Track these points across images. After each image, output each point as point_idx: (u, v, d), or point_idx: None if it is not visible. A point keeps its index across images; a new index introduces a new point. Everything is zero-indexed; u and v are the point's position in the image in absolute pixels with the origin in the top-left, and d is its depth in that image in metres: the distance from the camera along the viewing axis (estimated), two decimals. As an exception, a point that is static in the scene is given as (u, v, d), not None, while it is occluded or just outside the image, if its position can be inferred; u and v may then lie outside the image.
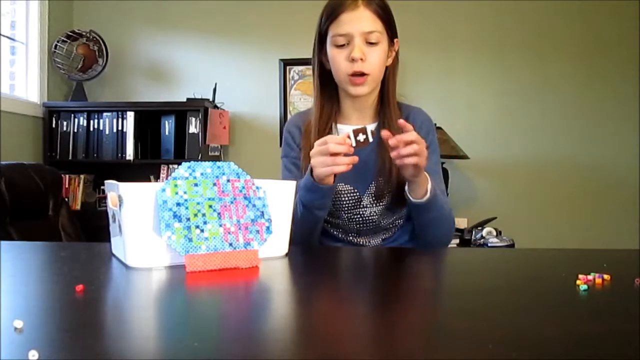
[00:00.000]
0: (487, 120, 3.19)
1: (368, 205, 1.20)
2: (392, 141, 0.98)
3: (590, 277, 0.67)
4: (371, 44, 1.14)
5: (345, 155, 1.00)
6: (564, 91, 3.16)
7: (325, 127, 1.21)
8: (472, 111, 3.18)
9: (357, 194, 1.19)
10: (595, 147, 3.15)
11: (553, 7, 3.14)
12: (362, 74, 1.14)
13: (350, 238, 1.24)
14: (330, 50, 1.17)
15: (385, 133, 0.99)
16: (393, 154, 0.99)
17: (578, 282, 0.65)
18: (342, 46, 1.14)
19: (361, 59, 1.12)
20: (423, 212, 1.11)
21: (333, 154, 0.99)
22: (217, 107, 3.19)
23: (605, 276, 0.68)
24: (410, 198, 1.10)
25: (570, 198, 3.16)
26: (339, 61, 1.15)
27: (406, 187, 1.11)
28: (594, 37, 3.14)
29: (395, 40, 1.20)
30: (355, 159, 1.00)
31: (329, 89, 1.23)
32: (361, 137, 0.99)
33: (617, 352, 0.43)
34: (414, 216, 1.15)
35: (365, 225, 1.22)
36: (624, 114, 3.13)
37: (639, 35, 3.09)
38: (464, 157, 2.83)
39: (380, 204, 1.20)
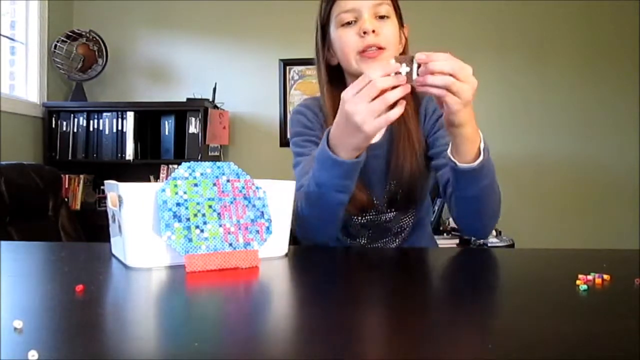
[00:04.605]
0: (487, 120, 3.18)
1: (382, 211, 1.11)
2: (419, 55, 0.78)
3: (590, 277, 0.67)
4: (382, 18, 1.00)
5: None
6: (564, 91, 3.16)
7: None
8: (472, 111, 3.17)
9: (372, 198, 1.09)
10: (595, 146, 3.15)
11: (553, 6, 3.14)
12: (377, 49, 0.99)
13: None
14: (336, 32, 1.03)
15: (420, 56, 0.78)
16: (416, 80, 0.78)
17: (578, 282, 0.65)
18: (348, 24, 1.01)
19: (373, 31, 0.98)
20: (473, 182, 0.88)
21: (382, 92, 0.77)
22: (217, 107, 3.19)
23: (605, 276, 0.68)
24: (457, 163, 0.87)
25: (570, 198, 3.16)
26: (346, 39, 1.01)
27: (449, 150, 0.89)
28: (594, 36, 3.14)
29: (405, 25, 1.09)
30: (407, 89, 0.78)
31: (341, 91, 1.05)
32: (404, 70, 0.78)
33: (617, 352, 0.43)
34: (458, 189, 0.92)
35: (377, 231, 1.14)
36: (624, 114, 3.14)
37: (639, 35, 3.09)
38: (464, 157, 2.83)
39: (393, 208, 1.11)
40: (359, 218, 1.12)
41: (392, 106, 0.79)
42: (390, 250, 1.13)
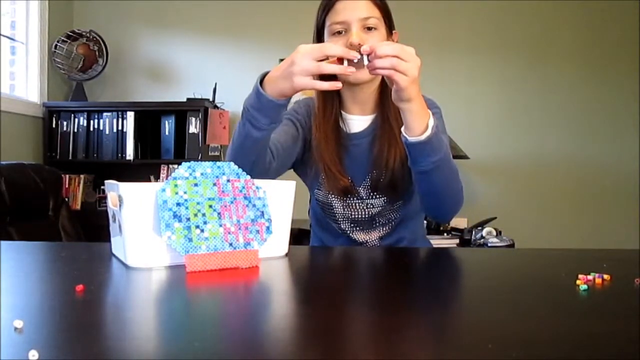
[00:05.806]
0: (487, 120, 3.19)
1: (365, 197, 1.20)
2: (364, 47, 0.90)
3: (590, 277, 0.67)
4: (369, 29, 1.10)
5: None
6: (564, 91, 3.16)
7: (329, 120, 1.18)
8: (472, 111, 3.18)
9: (352, 184, 1.18)
10: (595, 146, 3.15)
11: (553, 6, 3.14)
12: None
13: (348, 232, 1.24)
14: (328, 39, 1.13)
15: (365, 48, 0.91)
16: (367, 66, 0.91)
17: (578, 282, 0.65)
18: (339, 34, 1.11)
19: (359, 45, 1.05)
20: (424, 156, 0.98)
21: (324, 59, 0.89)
22: (217, 107, 3.18)
23: (605, 276, 0.68)
24: (407, 137, 0.97)
25: (571, 198, 3.16)
26: None
27: (402, 129, 0.99)
28: (594, 36, 3.14)
29: (394, 32, 1.18)
30: (338, 84, 0.92)
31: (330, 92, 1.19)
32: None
33: (617, 352, 0.43)
34: (413, 164, 1.02)
35: (360, 217, 1.22)
36: (624, 114, 3.14)
37: (639, 35, 3.09)
38: (464, 157, 2.83)
39: (377, 195, 1.19)
40: (344, 201, 1.21)
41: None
42: (390, 251, 1.14)
